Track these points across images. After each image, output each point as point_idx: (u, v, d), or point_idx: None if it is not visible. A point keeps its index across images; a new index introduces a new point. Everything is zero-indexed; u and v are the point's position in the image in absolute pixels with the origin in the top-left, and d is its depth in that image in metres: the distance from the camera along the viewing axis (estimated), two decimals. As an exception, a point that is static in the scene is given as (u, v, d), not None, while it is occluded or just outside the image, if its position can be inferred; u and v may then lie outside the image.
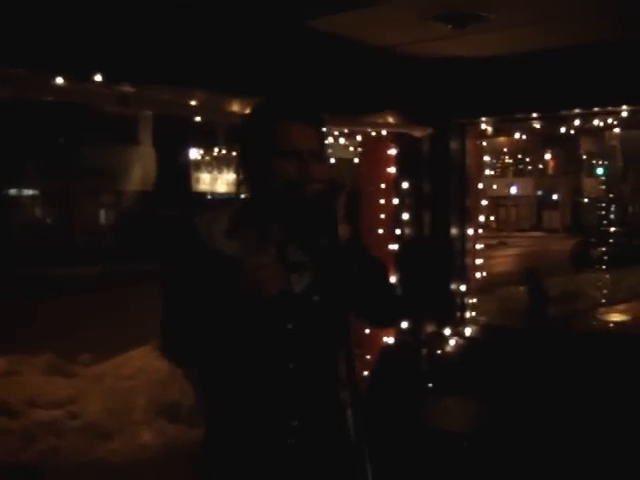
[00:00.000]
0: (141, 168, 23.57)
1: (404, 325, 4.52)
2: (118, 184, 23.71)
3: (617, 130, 4.94)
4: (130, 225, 22.02)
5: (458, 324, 4.74)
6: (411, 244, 4.67)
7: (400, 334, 4.49)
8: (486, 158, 5.07)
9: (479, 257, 4.91)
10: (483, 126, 4.68)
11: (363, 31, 3.89)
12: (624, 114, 4.18)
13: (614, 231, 23.97)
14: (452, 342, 4.67)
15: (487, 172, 5.11)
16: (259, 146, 1.96)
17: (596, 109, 4.29)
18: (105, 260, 17.90)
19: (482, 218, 4.95)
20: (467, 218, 4.78)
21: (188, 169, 25.03)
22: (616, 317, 10.54)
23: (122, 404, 5.70)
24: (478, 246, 4.92)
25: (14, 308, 10.74)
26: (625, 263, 17.10)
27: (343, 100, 4.08)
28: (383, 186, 4.67)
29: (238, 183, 2.04)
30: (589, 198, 40.92)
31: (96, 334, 8.29)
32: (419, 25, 3.72)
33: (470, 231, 4.80)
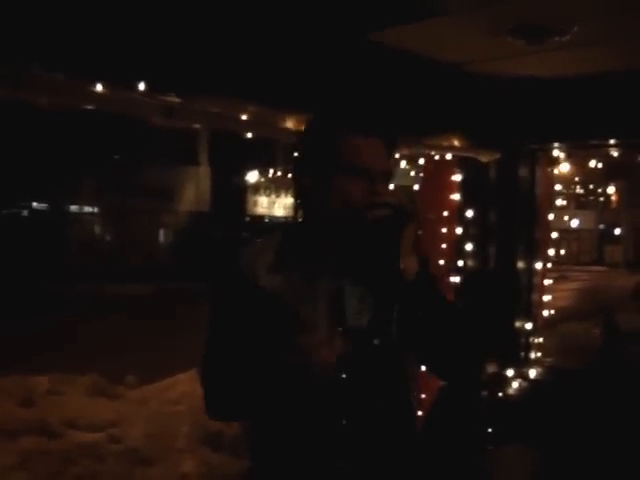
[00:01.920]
0: (200, 189, 23.72)
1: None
2: (177, 204, 23.86)
3: None
4: (186, 245, 22.10)
5: (522, 365, 4.39)
6: (474, 277, 4.35)
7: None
8: (558, 187, 4.73)
9: (547, 293, 4.55)
10: (555, 152, 4.36)
11: (429, 46, 3.63)
12: None
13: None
14: (515, 384, 4.33)
15: (559, 202, 4.76)
16: (319, 161, 1.73)
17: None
18: (160, 279, 17.91)
19: (552, 252, 4.62)
20: (535, 251, 4.44)
21: (244, 191, 25.12)
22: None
23: (165, 430, 5.55)
24: (546, 281, 4.57)
25: (64, 325, 10.70)
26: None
27: (405, 119, 3.81)
28: (446, 214, 4.36)
29: (296, 207, 1.85)
30: (654, 231, 39.79)
31: (143, 355, 8.13)
32: (490, 40, 3.43)
33: (538, 265, 4.46)
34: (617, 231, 44.68)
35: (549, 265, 4.56)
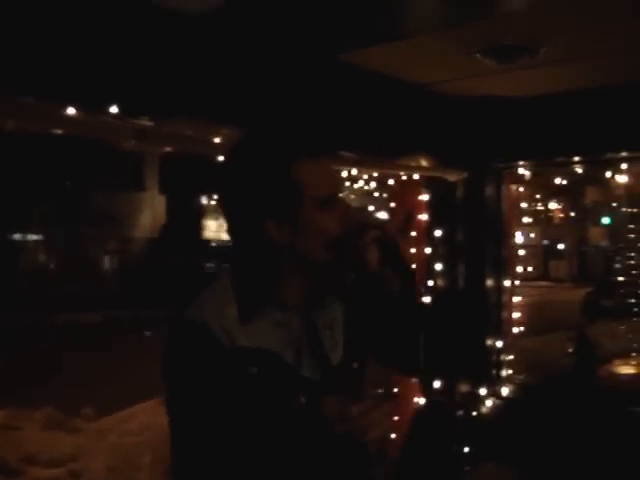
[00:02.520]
0: (147, 214, 23.43)
1: (437, 385, 4.16)
2: (126, 230, 23.47)
3: (623, 179, 4.71)
4: (134, 272, 21.72)
5: (494, 383, 4.38)
6: (444, 296, 4.33)
7: (432, 394, 4.13)
8: (523, 205, 4.75)
9: (516, 311, 4.56)
10: (521, 170, 4.39)
11: (398, 66, 3.62)
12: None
13: (624, 281, 23.67)
14: (488, 403, 4.31)
15: (526, 220, 4.79)
16: (282, 200, 1.48)
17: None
18: (110, 307, 17.55)
19: (520, 269, 4.64)
20: (503, 268, 4.45)
21: (196, 215, 24.89)
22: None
23: (126, 462, 5.42)
24: (515, 299, 4.58)
25: (12, 358, 10.37)
26: (637, 313, 16.81)
27: (375, 140, 3.79)
28: (414, 234, 4.34)
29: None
30: (595, 247, 40.69)
31: (98, 386, 7.90)
32: (460, 60, 3.44)
33: (507, 283, 4.47)
34: (560, 246, 45.72)
35: (517, 282, 4.57)
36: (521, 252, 4.52)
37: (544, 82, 3.77)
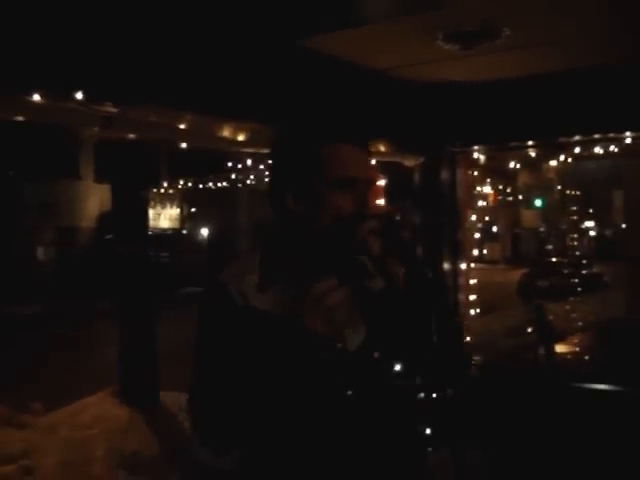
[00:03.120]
0: (83, 204, 23.02)
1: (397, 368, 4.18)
2: (59, 220, 22.98)
3: (554, 163, 4.82)
4: (72, 262, 21.34)
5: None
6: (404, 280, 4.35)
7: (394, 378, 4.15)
8: (478, 189, 4.82)
9: (473, 293, 4.63)
10: (476, 155, 4.44)
11: (359, 52, 3.61)
12: (627, 140, 3.98)
13: (559, 262, 24.27)
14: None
15: (480, 203, 4.85)
16: (302, 175, 1.66)
17: (597, 136, 4.08)
18: (48, 298, 17.21)
19: (475, 252, 4.71)
20: (459, 252, 4.50)
21: (145, 204, 24.43)
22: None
23: (79, 456, 5.29)
24: (472, 281, 4.65)
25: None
26: (572, 293, 17.33)
27: (334, 126, 3.78)
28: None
29: (182, 218, 1.76)
30: (528, 230, 41.67)
31: (46, 380, 7.74)
32: (421, 46, 3.45)
33: (463, 266, 4.53)
34: (495, 228, 46.62)
35: (472, 265, 4.64)
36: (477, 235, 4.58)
37: (501, 68, 3.82)
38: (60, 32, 2.50)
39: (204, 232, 26.90)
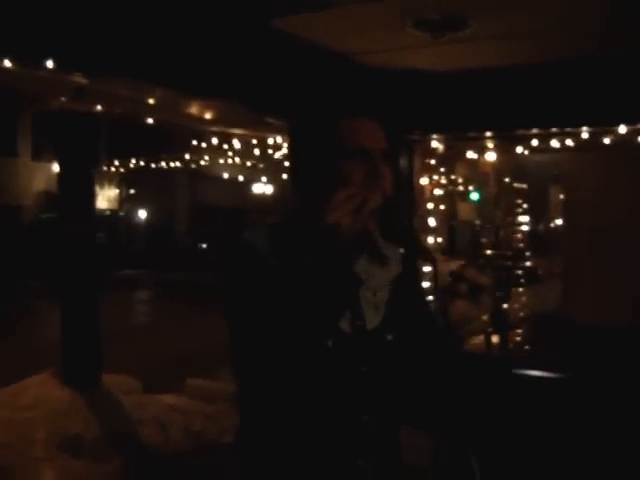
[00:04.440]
0: (19, 182, 22.42)
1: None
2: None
3: (491, 157, 4.93)
4: (4, 241, 20.76)
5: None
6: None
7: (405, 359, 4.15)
8: (435, 177, 4.87)
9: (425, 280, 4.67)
10: (434, 144, 4.48)
11: (328, 35, 3.60)
12: (584, 135, 4.08)
13: (494, 255, 24.70)
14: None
15: (437, 192, 4.91)
16: (318, 148, 1.69)
17: (554, 129, 4.16)
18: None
19: (431, 240, 4.76)
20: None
21: (92, 182, 23.85)
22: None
23: (20, 438, 5.19)
24: (426, 269, 4.69)
25: None
26: (513, 285, 17.60)
27: (299, 108, 3.77)
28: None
29: (121, 200, 1.75)
30: (464, 222, 42.32)
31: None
32: (391, 32, 3.47)
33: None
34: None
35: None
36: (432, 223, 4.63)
37: (465, 58, 3.87)
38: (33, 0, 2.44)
39: (142, 214, 26.49)
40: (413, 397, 1.84)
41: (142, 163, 17.07)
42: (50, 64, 2.50)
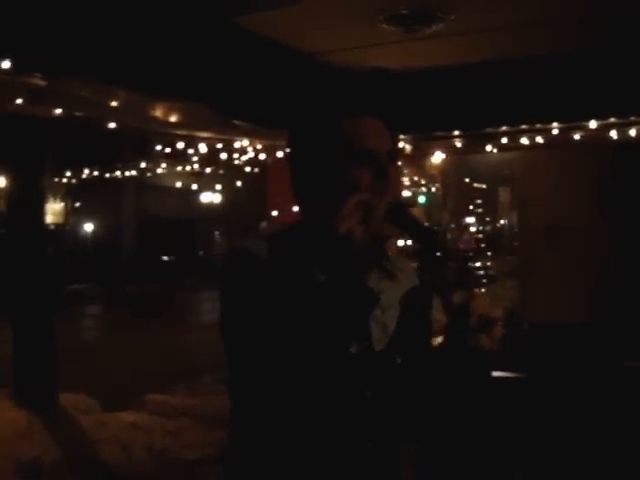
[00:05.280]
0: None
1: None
2: None
3: (437, 160, 4.88)
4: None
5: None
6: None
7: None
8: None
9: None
10: (401, 144, 4.37)
11: (293, 34, 3.47)
12: (554, 132, 4.02)
13: (460, 255, 24.96)
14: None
15: (405, 193, 4.79)
16: (320, 151, 1.54)
17: (524, 127, 4.10)
18: None
19: (401, 242, 4.64)
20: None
21: (43, 194, 23.24)
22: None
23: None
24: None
25: None
26: (475, 285, 17.83)
27: (264, 110, 3.63)
28: (296, 209, 4.18)
29: (66, 213, 1.60)
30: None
31: None
32: (360, 29, 3.35)
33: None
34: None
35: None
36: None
37: (422, 58, 3.77)
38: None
39: (88, 228, 25.93)
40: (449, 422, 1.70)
41: (96, 173, 16.56)
42: (6, 64, 2.31)
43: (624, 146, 4.39)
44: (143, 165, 13.99)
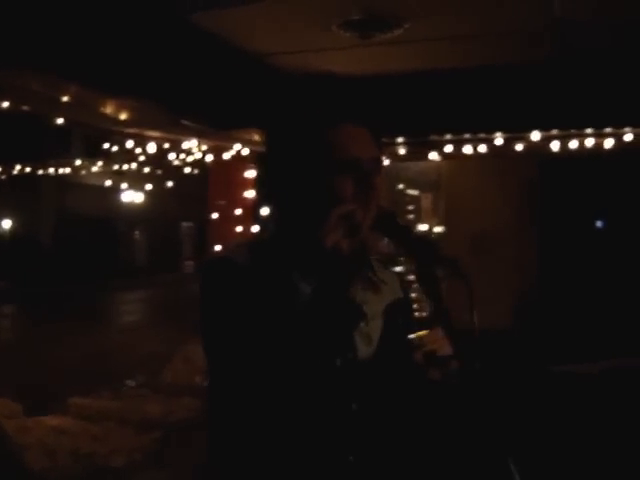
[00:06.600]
0: None
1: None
2: None
3: None
4: None
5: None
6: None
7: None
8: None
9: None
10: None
11: (246, 34, 3.41)
12: (498, 141, 4.08)
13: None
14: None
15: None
16: (303, 160, 1.47)
17: (467, 135, 4.14)
18: None
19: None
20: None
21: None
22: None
23: None
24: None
25: None
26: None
27: (212, 110, 3.56)
28: (239, 212, 4.14)
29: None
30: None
31: None
32: (314, 33, 3.33)
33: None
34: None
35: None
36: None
37: (380, 63, 3.78)
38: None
39: (6, 225, 25.09)
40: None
41: (28, 170, 15.96)
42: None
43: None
44: (63, 162, 13.57)
